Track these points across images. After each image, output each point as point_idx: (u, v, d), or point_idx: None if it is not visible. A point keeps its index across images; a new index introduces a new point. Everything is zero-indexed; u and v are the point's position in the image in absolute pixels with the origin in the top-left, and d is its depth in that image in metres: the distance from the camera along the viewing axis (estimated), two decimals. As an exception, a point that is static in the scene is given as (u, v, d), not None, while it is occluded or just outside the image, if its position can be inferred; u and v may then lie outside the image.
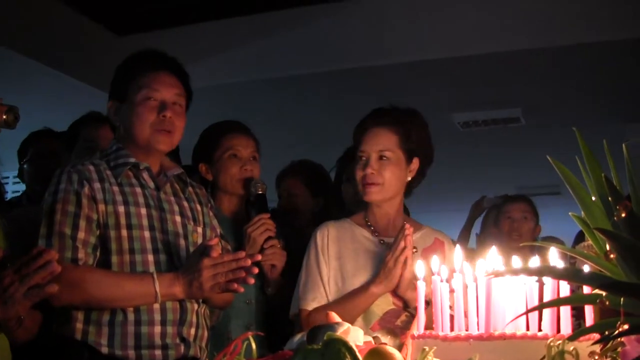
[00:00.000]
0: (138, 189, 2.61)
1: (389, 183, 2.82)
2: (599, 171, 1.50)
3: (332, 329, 1.85)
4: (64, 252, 2.43)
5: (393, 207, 2.92)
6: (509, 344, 1.74)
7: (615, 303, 1.41)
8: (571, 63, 5.32)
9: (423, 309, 1.98)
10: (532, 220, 4.62)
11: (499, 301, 1.87)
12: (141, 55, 2.73)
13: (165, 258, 2.56)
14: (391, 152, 2.82)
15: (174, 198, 2.69)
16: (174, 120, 2.62)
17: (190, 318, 2.57)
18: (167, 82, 2.65)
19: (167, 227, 2.60)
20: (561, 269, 1.62)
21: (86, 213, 2.49)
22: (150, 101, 2.60)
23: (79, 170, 2.55)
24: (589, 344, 1.55)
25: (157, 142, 2.61)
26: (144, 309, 2.48)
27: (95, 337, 2.46)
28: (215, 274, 2.39)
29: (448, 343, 1.80)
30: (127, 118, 2.63)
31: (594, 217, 1.54)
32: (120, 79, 2.70)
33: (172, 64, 2.71)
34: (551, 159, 1.63)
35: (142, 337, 2.46)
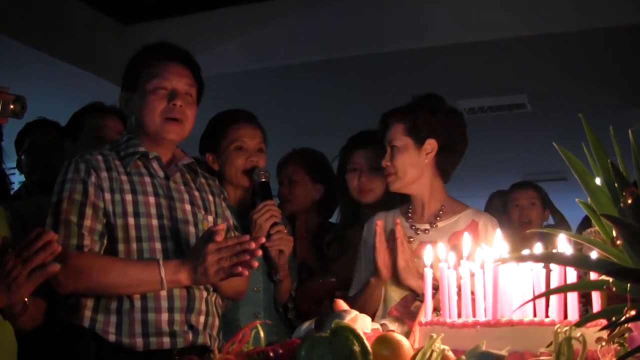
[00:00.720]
0: (147, 178, 2.61)
1: (402, 170, 2.91)
2: (605, 157, 1.50)
3: (339, 316, 1.86)
4: (69, 240, 2.45)
5: (424, 192, 2.97)
6: (516, 331, 1.75)
7: (622, 289, 1.41)
8: (577, 49, 5.30)
9: (430, 296, 1.99)
10: (540, 206, 4.63)
11: (506, 288, 1.88)
12: (153, 47, 2.75)
13: (173, 246, 2.56)
14: (398, 141, 2.92)
15: (184, 187, 2.70)
16: (185, 110, 2.63)
17: (199, 306, 2.57)
18: (178, 72, 2.65)
19: (176, 215, 2.60)
20: (568, 256, 1.63)
21: (92, 201, 2.50)
22: (160, 90, 2.61)
23: (86, 160, 2.56)
24: (596, 330, 1.55)
25: (166, 131, 2.61)
26: (150, 296, 2.48)
27: (103, 326, 2.46)
28: (219, 259, 2.40)
29: (455, 330, 1.81)
30: (138, 108, 2.64)
31: (601, 203, 1.54)
32: (132, 70, 2.71)
33: (184, 55, 2.72)
34: (557, 145, 1.63)
35: (149, 325, 2.47)
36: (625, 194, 1.36)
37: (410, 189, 2.98)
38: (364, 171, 3.38)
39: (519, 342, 1.71)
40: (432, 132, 2.91)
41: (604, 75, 5.91)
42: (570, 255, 1.64)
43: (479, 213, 2.98)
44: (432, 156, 2.93)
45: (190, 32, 5.20)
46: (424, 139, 2.91)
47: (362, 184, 3.37)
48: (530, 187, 4.74)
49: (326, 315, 1.92)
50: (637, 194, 1.36)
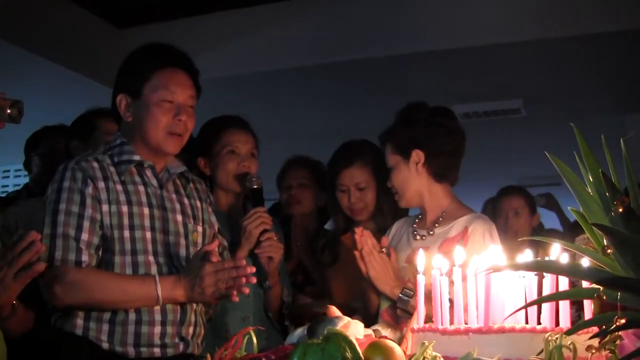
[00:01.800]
0: (141, 187, 2.63)
1: (400, 187, 2.99)
2: (597, 166, 1.51)
3: (332, 323, 1.87)
4: (67, 254, 2.46)
5: (422, 200, 3.01)
6: (508, 338, 1.75)
7: (613, 297, 1.42)
8: (572, 54, 5.31)
9: (422, 302, 1.99)
10: (526, 213, 4.56)
11: (498, 294, 1.88)
12: (157, 50, 2.74)
13: (164, 259, 2.59)
14: (390, 161, 3.01)
15: (175, 196, 2.72)
16: (187, 123, 2.65)
17: (189, 317, 2.61)
18: (183, 84, 2.66)
19: (169, 227, 2.63)
20: (560, 265, 1.63)
21: (90, 214, 2.51)
22: (166, 103, 2.61)
23: (83, 168, 2.56)
24: (587, 338, 1.56)
25: (168, 145, 2.64)
26: (144, 309, 2.51)
27: (95, 333, 2.49)
28: (217, 280, 2.43)
29: (447, 336, 1.81)
30: (140, 116, 2.64)
31: (592, 211, 1.54)
32: (134, 73, 2.68)
33: (187, 62, 2.72)
34: (549, 154, 1.63)
35: (142, 337, 2.50)
36: (616, 203, 1.37)
37: (415, 202, 3.04)
38: (351, 192, 3.36)
39: (510, 349, 1.71)
40: (414, 143, 2.95)
41: (599, 81, 5.93)
42: (562, 264, 1.65)
43: (474, 218, 2.96)
44: (421, 166, 2.95)
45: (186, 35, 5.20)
46: (409, 152, 2.95)
47: (352, 205, 3.36)
48: (515, 194, 4.68)
49: (319, 322, 1.92)
50: (628, 203, 1.37)
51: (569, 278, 1.76)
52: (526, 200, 4.62)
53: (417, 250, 2.83)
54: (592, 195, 1.54)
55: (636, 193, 1.48)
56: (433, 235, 2.96)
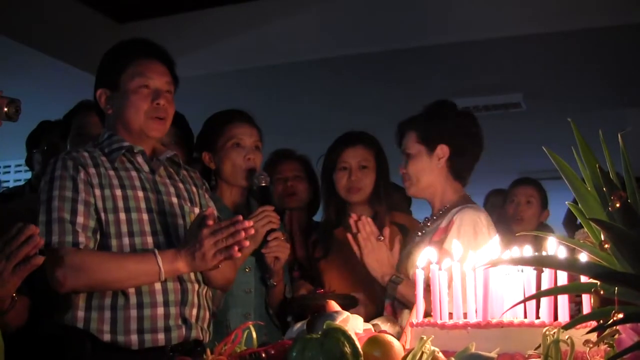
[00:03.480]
0: (134, 173, 2.64)
1: (417, 177, 3.04)
2: (594, 162, 1.52)
3: (331, 317, 1.88)
4: (64, 237, 2.46)
5: (435, 195, 3.08)
6: (507, 332, 1.76)
7: (610, 292, 1.43)
8: (572, 48, 5.31)
9: (422, 296, 2.00)
10: (538, 205, 4.58)
11: (497, 289, 1.89)
12: (131, 44, 2.77)
13: (164, 239, 2.59)
14: (411, 149, 3.05)
15: (169, 180, 2.73)
16: (167, 108, 2.67)
17: (192, 298, 2.60)
18: (159, 71, 2.69)
19: (165, 208, 2.63)
20: (558, 259, 1.64)
21: (83, 198, 2.52)
22: (144, 89, 2.64)
23: (73, 157, 2.58)
24: (584, 332, 1.57)
25: (150, 129, 2.65)
26: (145, 291, 2.50)
27: (97, 324, 2.47)
28: (215, 242, 2.41)
29: (446, 331, 1.81)
30: (120, 106, 2.66)
31: (589, 206, 1.55)
32: (111, 67, 2.72)
33: (162, 53, 2.75)
34: (546, 149, 1.64)
35: (144, 320, 2.49)
36: (613, 198, 1.37)
37: (425, 194, 3.10)
38: (353, 170, 3.39)
39: (509, 344, 1.72)
40: (442, 138, 3.02)
41: (599, 75, 5.92)
42: (560, 258, 1.65)
43: (463, 208, 2.98)
44: (444, 161, 3.02)
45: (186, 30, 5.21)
46: (435, 145, 3.02)
47: (352, 183, 3.39)
48: (530, 184, 4.70)
49: (318, 317, 1.93)
50: (625, 198, 1.38)
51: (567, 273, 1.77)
52: (539, 192, 4.64)
53: (417, 244, 2.90)
54: (589, 190, 1.55)
55: (633, 188, 1.49)
56: (430, 228, 3.04)
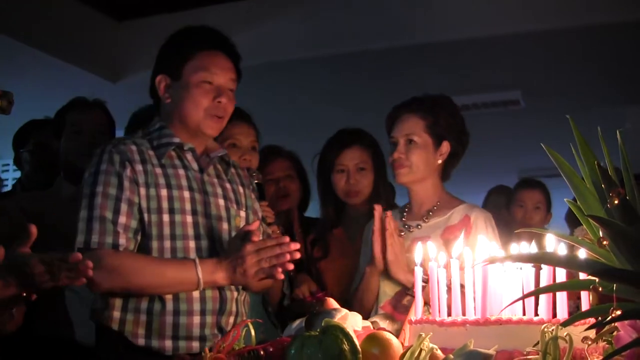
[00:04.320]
0: (181, 171, 2.58)
1: (417, 166, 2.93)
2: (593, 159, 1.52)
3: (330, 315, 1.87)
4: (104, 238, 2.41)
5: (424, 190, 3.01)
6: (505, 329, 1.76)
7: (609, 289, 1.43)
8: (571, 45, 5.31)
9: (420, 293, 2.00)
10: (544, 210, 4.57)
11: (496, 286, 1.89)
12: (197, 32, 2.70)
13: (207, 244, 2.53)
14: (417, 136, 2.94)
15: (217, 180, 2.66)
16: (227, 106, 2.61)
17: (230, 307, 2.55)
18: (224, 66, 2.62)
19: (210, 211, 2.57)
20: (557, 256, 1.64)
21: (128, 196, 2.46)
22: (206, 85, 2.57)
23: (120, 151, 2.51)
24: (583, 329, 1.57)
25: (207, 127, 2.59)
26: (183, 298, 2.45)
27: (132, 327, 2.44)
28: (259, 260, 2.38)
29: (445, 328, 1.81)
30: (179, 98, 2.59)
31: (588, 203, 1.55)
32: (174, 54, 2.64)
33: (229, 46, 2.68)
34: (545, 146, 1.64)
35: (180, 328, 2.44)
36: (611, 195, 1.37)
37: (414, 185, 3.01)
38: (351, 172, 3.36)
39: (507, 341, 1.72)
40: (449, 134, 2.97)
41: (598, 72, 5.92)
42: (559, 255, 1.65)
43: (473, 207, 3.00)
44: (444, 158, 2.98)
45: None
46: (441, 141, 2.96)
47: (350, 186, 3.36)
48: (538, 189, 4.67)
49: (316, 314, 1.93)
50: (623, 195, 1.38)
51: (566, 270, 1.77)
52: (546, 197, 4.63)
53: (416, 240, 2.85)
54: (588, 187, 1.55)
55: (632, 185, 1.49)
56: (429, 223, 2.97)
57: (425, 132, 2.94)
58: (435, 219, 2.98)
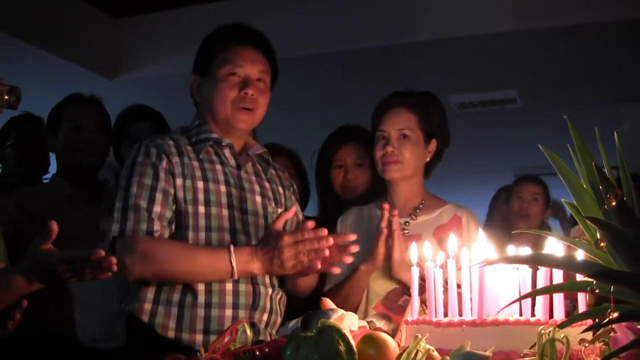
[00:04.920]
0: (218, 166, 2.57)
1: (408, 162, 2.89)
2: (590, 160, 1.51)
3: (326, 315, 1.86)
4: (139, 225, 2.40)
5: (410, 187, 2.97)
6: (502, 330, 1.75)
7: (606, 290, 1.42)
8: (567, 44, 5.33)
9: (417, 293, 1.99)
10: (543, 202, 4.60)
11: (492, 287, 1.88)
12: (226, 29, 2.69)
13: (243, 238, 2.52)
14: (411, 132, 2.89)
15: (255, 178, 2.65)
16: (257, 98, 2.59)
17: (264, 303, 2.53)
18: (252, 58, 2.61)
19: (247, 206, 2.56)
20: (553, 258, 1.63)
21: (163, 186, 2.45)
22: (232, 77, 2.57)
23: (157, 144, 2.51)
24: (580, 331, 1.56)
25: (237, 120, 2.58)
26: (215, 291, 2.44)
27: (163, 319, 2.43)
28: (297, 252, 2.34)
29: (441, 329, 1.81)
30: (208, 93, 2.60)
31: (585, 204, 1.54)
32: (204, 53, 2.66)
33: (259, 39, 2.67)
34: (542, 147, 1.63)
35: (211, 321, 2.43)
36: (609, 196, 1.36)
37: (402, 182, 2.96)
38: (349, 168, 3.37)
39: (504, 342, 1.71)
40: (438, 132, 2.95)
41: (594, 71, 5.93)
42: (556, 256, 1.65)
43: (462, 208, 2.99)
44: (431, 156, 2.95)
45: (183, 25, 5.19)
46: (431, 138, 2.94)
47: (348, 181, 3.37)
48: (535, 182, 4.71)
49: (312, 314, 1.92)
50: (621, 196, 1.37)
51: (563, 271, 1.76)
52: (544, 190, 4.67)
53: (406, 237, 2.83)
54: (585, 188, 1.54)
55: (629, 186, 1.48)
56: (417, 221, 2.94)
57: (418, 127, 2.91)
58: (423, 216, 2.95)
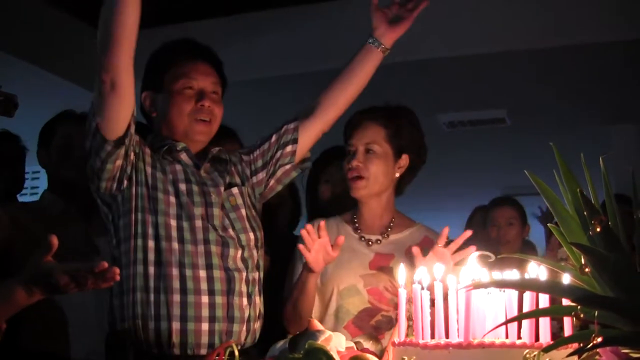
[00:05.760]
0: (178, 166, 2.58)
1: (375, 177, 2.82)
2: (576, 185, 1.53)
3: (313, 337, 1.87)
4: None
5: (380, 204, 2.90)
6: (488, 353, 1.75)
7: (591, 315, 1.43)
8: (556, 64, 5.35)
9: (404, 315, 1.99)
10: (519, 224, 4.58)
11: (479, 309, 1.89)
12: (175, 45, 2.70)
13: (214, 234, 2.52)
14: (378, 146, 2.83)
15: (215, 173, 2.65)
16: (213, 109, 2.60)
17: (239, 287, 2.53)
18: (204, 71, 2.62)
19: (211, 199, 2.56)
20: (540, 282, 1.65)
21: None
22: (188, 90, 2.58)
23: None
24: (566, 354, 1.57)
25: (195, 132, 2.59)
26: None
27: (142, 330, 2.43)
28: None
29: (428, 351, 1.81)
30: (164, 108, 2.60)
31: (571, 230, 1.56)
32: (155, 68, 2.66)
33: (207, 53, 2.69)
34: (528, 172, 1.65)
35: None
36: (594, 222, 1.38)
37: (370, 199, 2.89)
38: (337, 183, 3.39)
39: (490, 364, 1.73)
40: (409, 147, 2.87)
41: (584, 92, 5.96)
42: (542, 281, 1.66)
43: (432, 232, 2.91)
44: (402, 172, 2.88)
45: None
46: (401, 152, 2.86)
47: (335, 197, 3.37)
48: (507, 205, 4.67)
49: (300, 335, 1.92)
50: (605, 223, 1.39)
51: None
52: (518, 211, 4.64)
53: (379, 255, 2.81)
54: (570, 213, 1.56)
55: (614, 211, 1.50)
56: (388, 239, 2.87)
57: (386, 141, 2.84)
58: (394, 235, 2.89)
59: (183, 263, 2.45)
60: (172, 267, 2.44)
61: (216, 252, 2.50)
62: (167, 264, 2.44)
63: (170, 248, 2.45)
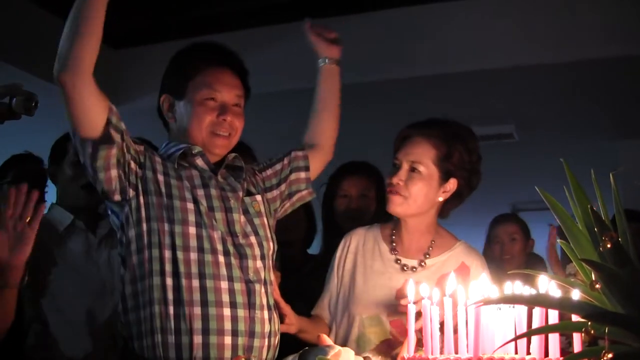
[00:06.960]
0: (194, 171, 2.53)
1: (414, 199, 2.64)
2: (586, 201, 1.53)
3: (322, 352, 1.87)
4: None
5: (419, 225, 2.73)
6: (498, 368, 1.76)
7: (601, 331, 1.43)
8: (565, 80, 5.34)
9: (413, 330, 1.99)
10: (522, 239, 4.57)
11: (488, 325, 1.89)
12: (202, 50, 2.66)
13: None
14: (424, 167, 2.63)
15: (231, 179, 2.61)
16: (234, 123, 2.56)
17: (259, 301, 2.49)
18: (229, 83, 2.57)
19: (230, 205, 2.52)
20: (550, 298, 1.65)
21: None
22: (209, 102, 2.52)
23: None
24: (575, 371, 1.57)
25: (214, 145, 2.54)
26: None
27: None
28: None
29: (437, 366, 1.81)
30: (184, 117, 2.55)
31: (581, 246, 1.56)
32: (178, 73, 2.60)
33: (234, 62, 2.64)
34: (539, 188, 1.65)
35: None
36: (604, 238, 1.38)
37: (407, 216, 2.71)
38: (354, 198, 3.39)
39: (500, 380, 1.72)
40: (459, 172, 2.66)
41: (592, 106, 5.94)
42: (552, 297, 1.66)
43: (470, 254, 2.76)
44: (446, 197, 2.68)
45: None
46: (449, 176, 2.65)
47: (352, 211, 3.37)
48: (510, 221, 4.68)
49: (309, 350, 1.93)
50: (616, 239, 1.39)
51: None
52: (520, 226, 4.64)
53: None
54: (581, 229, 1.56)
55: (624, 227, 1.50)
56: (426, 267, 2.71)
57: (434, 163, 2.63)
58: (431, 260, 2.71)
59: (203, 274, 2.39)
60: (191, 278, 2.38)
61: (236, 264, 2.45)
62: (185, 274, 2.38)
63: (189, 258, 2.39)
